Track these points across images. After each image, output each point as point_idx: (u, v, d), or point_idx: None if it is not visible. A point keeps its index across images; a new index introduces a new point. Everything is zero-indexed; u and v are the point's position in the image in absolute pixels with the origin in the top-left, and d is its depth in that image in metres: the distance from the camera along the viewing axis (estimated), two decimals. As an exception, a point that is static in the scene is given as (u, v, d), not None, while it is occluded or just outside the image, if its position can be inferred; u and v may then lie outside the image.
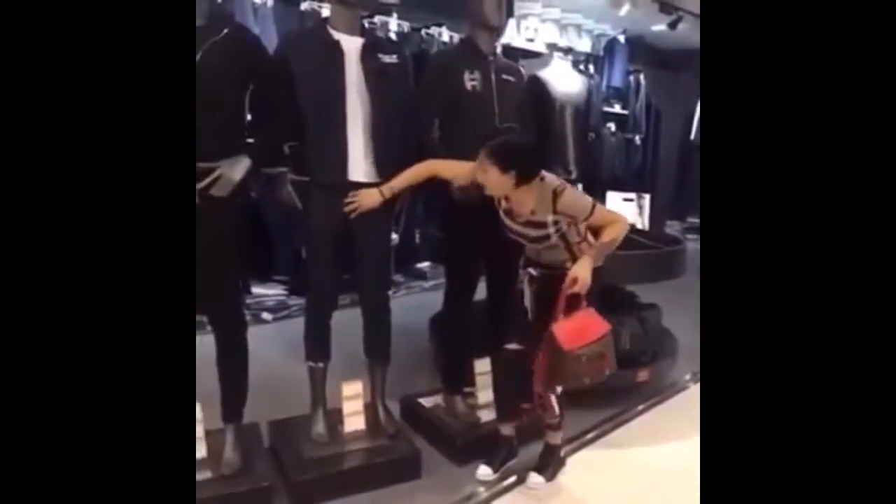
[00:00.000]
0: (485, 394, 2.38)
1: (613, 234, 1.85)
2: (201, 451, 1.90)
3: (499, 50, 2.35)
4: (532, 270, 1.95)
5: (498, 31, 2.25)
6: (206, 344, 2.02)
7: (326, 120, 1.93)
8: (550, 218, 1.81)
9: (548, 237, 1.84)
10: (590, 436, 2.43)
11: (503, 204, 1.88)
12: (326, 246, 2.00)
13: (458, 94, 2.15)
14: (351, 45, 1.95)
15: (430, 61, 2.33)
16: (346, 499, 1.93)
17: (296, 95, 1.92)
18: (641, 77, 6.73)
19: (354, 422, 2.12)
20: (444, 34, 4.66)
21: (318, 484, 1.92)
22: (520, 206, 1.85)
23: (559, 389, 2.00)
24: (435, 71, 2.23)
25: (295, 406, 2.25)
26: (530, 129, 2.37)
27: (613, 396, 2.64)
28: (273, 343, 3.03)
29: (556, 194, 1.80)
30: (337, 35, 1.94)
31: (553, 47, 5.36)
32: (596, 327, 1.88)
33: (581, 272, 1.79)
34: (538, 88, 2.83)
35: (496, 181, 1.79)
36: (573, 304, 1.84)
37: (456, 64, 2.18)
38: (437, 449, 2.23)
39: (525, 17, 5.56)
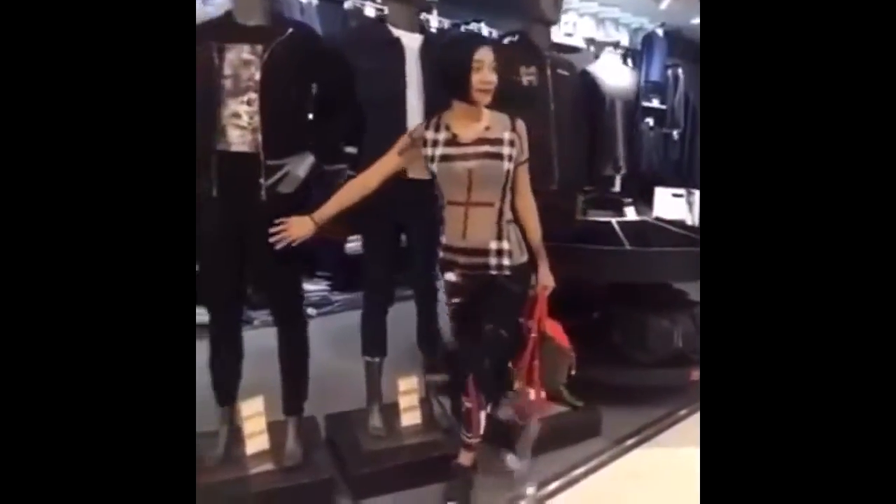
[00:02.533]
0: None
1: (537, 220, 1.83)
2: (264, 444, 1.94)
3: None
4: (452, 276, 1.77)
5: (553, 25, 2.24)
6: (266, 336, 2.08)
7: (387, 116, 1.94)
8: (507, 135, 1.70)
9: (497, 157, 1.67)
10: (640, 437, 2.41)
11: (442, 135, 1.70)
12: (384, 241, 2.02)
13: (514, 90, 2.14)
14: (411, 42, 1.96)
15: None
16: (404, 493, 1.95)
17: (357, 93, 1.93)
18: (680, 71, 6.61)
19: (411, 416, 2.13)
20: (484, 30, 4.64)
21: (378, 477, 1.94)
22: (472, 126, 1.70)
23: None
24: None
25: (345, 400, 2.28)
26: (582, 123, 2.35)
27: (665, 396, 2.61)
28: (318, 338, 3.06)
29: (513, 118, 1.75)
30: (397, 32, 1.96)
31: (591, 41, 5.31)
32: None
33: (549, 280, 1.86)
34: (588, 83, 2.80)
35: (491, 77, 1.64)
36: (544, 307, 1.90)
37: (513, 59, 2.18)
38: (491, 443, 2.22)
39: (564, 11, 5.52)
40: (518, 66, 2.15)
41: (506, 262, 1.71)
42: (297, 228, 1.72)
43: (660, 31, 6.16)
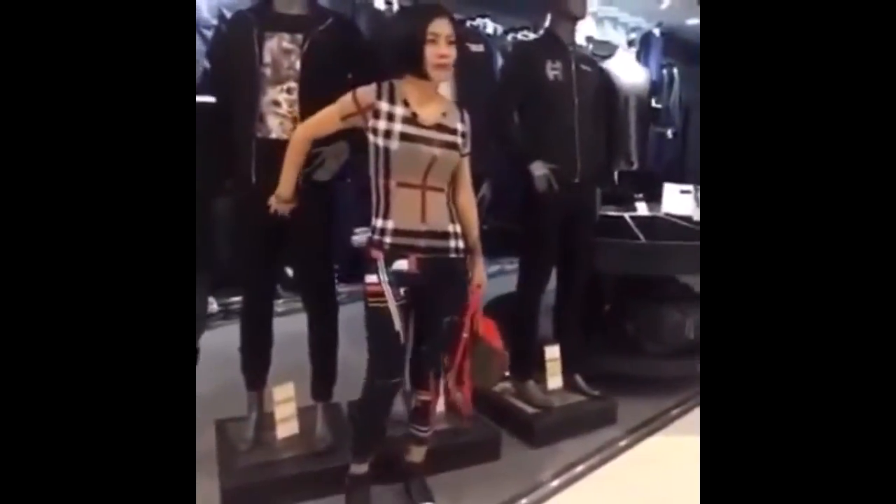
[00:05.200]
0: (554, 380, 2.44)
1: (476, 214, 1.74)
2: (294, 429, 1.96)
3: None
4: (404, 264, 1.59)
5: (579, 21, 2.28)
6: (291, 323, 2.10)
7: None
8: (460, 126, 1.64)
9: (455, 146, 1.61)
10: (654, 425, 2.47)
11: (400, 109, 1.57)
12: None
13: (539, 84, 2.18)
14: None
15: (512, 51, 2.35)
16: (429, 479, 1.99)
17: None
18: (675, 71, 6.71)
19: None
20: (489, 26, 4.68)
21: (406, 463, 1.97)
22: (430, 107, 1.61)
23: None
24: (517, 60, 2.27)
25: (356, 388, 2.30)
26: (602, 119, 2.40)
27: (678, 386, 2.69)
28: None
29: (461, 109, 1.68)
30: (430, 24, 1.97)
31: (590, 40, 5.37)
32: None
33: (483, 278, 1.75)
34: (604, 80, 2.85)
35: (448, 51, 1.54)
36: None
37: (538, 54, 2.21)
38: (510, 432, 2.27)
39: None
40: (544, 61, 2.19)
41: (461, 244, 1.66)
42: (280, 204, 1.71)
43: (657, 31, 6.25)
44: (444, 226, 1.63)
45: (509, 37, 4.67)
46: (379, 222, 1.60)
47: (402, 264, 1.59)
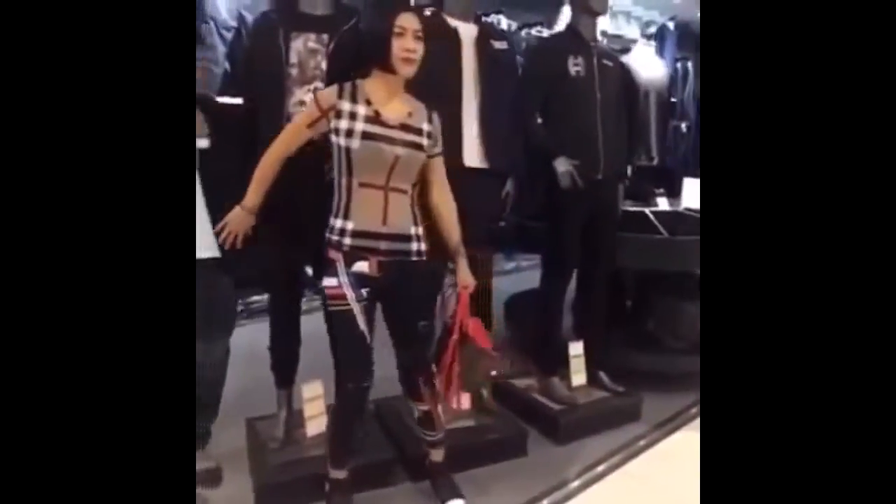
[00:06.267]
0: (578, 377, 2.44)
1: (455, 215, 1.70)
2: (322, 426, 1.98)
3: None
4: (364, 266, 1.55)
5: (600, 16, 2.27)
6: (317, 321, 2.10)
7: (443, 106, 1.95)
8: (426, 126, 1.61)
9: (420, 147, 1.58)
10: (675, 423, 2.46)
11: (362, 108, 1.54)
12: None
13: (562, 80, 2.18)
14: (467, 32, 1.99)
15: (534, 47, 2.35)
16: (458, 475, 2.00)
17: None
18: (689, 64, 6.66)
19: (462, 401, 2.17)
20: (503, 22, 4.67)
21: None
22: (394, 107, 1.58)
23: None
24: (540, 57, 2.26)
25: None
26: (623, 114, 2.39)
27: (699, 383, 2.67)
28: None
29: (430, 110, 1.65)
30: (454, 22, 1.99)
31: (604, 34, 5.35)
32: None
33: (469, 279, 1.72)
34: (625, 74, 2.84)
35: (415, 45, 1.53)
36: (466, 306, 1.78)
37: (560, 50, 2.21)
38: (535, 428, 2.28)
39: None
40: (566, 57, 2.18)
41: (423, 247, 1.63)
42: (237, 223, 1.63)
43: (671, 25, 6.20)
44: (405, 228, 1.59)
45: (523, 33, 4.66)
46: (338, 222, 1.56)
47: (362, 266, 1.55)
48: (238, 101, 1.95)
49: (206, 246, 1.71)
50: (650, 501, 1.95)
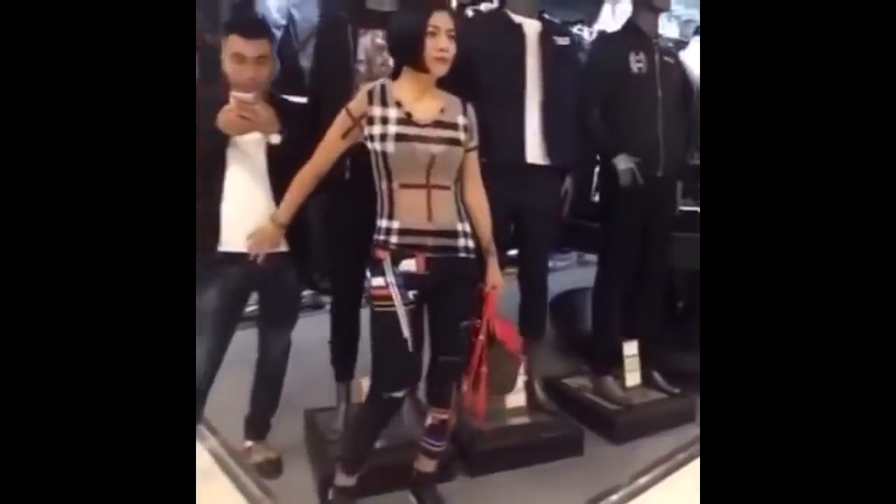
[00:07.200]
0: (632, 376, 2.42)
1: (488, 213, 1.66)
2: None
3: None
4: (412, 265, 1.52)
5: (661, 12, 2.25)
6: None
7: (506, 102, 1.97)
8: (461, 120, 1.57)
9: (458, 142, 1.55)
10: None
11: (393, 111, 1.51)
12: (499, 225, 2.04)
13: (623, 77, 2.16)
14: (531, 28, 1.99)
15: (595, 44, 2.34)
16: (513, 472, 1.99)
17: (476, 78, 1.96)
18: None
19: (517, 398, 2.17)
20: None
21: (493, 455, 1.99)
22: (426, 105, 1.54)
23: None
24: (602, 53, 2.25)
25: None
26: (682, 111, 2.36)
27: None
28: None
29: (464, 102, 1.61)
30: (518, 18, 1.98)
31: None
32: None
33: (498, 279, 1.68)
34: (683, 72, 2.80)
35: (448, 44, 1.48)
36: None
37: (622, 46, 2.19)
38: (589, 428, 2.26)
39: (618, 1, 5.50)
40: (627, 54, 2.16)
41: (471, 244, 1.59)
42: (265, 237, 1.63)
43: (712, 23, 6.11)
44: (452, 224, 1.55)
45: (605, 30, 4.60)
46: (384, 223, 1.55)
47: (409, 264, 1.52)
48: (300, 99, 1.97)
49: None
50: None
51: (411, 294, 1.52)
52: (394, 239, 1.52)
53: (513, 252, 2.18)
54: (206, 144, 1.63)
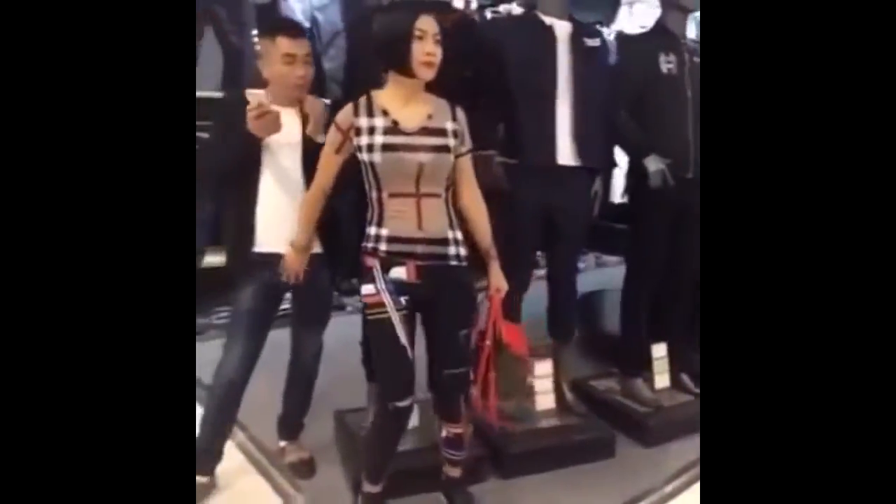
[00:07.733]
0: (661, 378, 2.40)
1: (486, 216, 1.62)
2: (414, 420, 1.99)
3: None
4: (402, 273, 1.51)
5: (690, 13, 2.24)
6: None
7: (538, 103, 1.97)
8: (450, 125, 1.53)
9: (447, 149, 1.51)
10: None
11: (379, 121, 1.49)
12: (530, 226, 2.05)
13: (653, 78, 2.15)
14: (562, 30, 1.99)
15: (624, 45, 2.33)
16: (545, 474, 1.99)
17: (507, 79, 1.97)
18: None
19: (546, 400, 2.16)
20: (515, 9, 4.60)
21: (525, 458, 1.99)
22: (413, 111, 1.51)
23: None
24: (631, 54, 2.24)
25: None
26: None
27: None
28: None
29: (453, 105, 1.57)
30: (549, 20, 1.99)
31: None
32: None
33: (501, 282, 1.65)
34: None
35: (435, 49, 1.45)
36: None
37: (652, 47, 2.18)
38: (619, 430, 2.25)
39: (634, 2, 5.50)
40: (657, 55, 2.16)
41: (463, 251, 1.57)
42: (294, 264, 1.67)
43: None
44: (442, 232, 1.53)
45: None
46: (373, 230, 1.53)
47: (399, 272, 1.51)
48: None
49: None
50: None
51: (403, 300, 1.51)
52: (383, 246, 1.52)
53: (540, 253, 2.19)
54: (240, 148, 1.65)
